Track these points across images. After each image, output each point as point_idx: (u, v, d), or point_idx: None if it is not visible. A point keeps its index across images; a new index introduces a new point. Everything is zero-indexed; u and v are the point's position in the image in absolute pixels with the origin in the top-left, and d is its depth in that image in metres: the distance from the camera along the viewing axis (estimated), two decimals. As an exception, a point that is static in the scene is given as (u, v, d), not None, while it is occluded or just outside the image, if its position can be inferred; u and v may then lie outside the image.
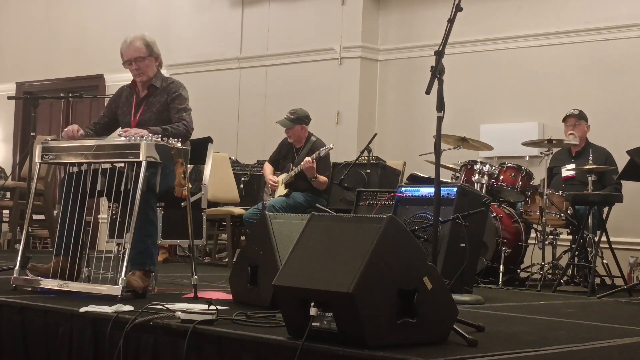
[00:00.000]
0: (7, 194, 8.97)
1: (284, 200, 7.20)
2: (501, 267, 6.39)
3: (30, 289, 4.53)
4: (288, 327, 3.09)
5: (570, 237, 6.87)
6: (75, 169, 4.59)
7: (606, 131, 7.42)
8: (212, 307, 3.38)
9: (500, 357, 2.92)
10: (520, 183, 6.75)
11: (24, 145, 11.39)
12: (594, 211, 6.38)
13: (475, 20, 7.98)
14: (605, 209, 6.41)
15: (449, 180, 6.81)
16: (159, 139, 4.36)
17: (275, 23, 9.69)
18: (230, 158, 8.61)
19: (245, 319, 3.47)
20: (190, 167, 4.96)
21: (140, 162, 4.28)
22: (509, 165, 6.80)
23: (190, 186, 4.71)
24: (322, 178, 7.22)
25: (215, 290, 4.82)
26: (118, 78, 9.36)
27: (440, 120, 4.08)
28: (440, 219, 4.44)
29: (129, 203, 4.35)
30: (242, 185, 8.55)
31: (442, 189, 4.75)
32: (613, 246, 6.44)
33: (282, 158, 7.58)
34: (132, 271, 4.38)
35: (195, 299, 4.35)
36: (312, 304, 2.89)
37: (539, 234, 6.66)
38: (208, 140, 5.37)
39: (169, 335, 3.34)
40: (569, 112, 7.09)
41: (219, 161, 7.96)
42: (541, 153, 6.91)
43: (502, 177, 6.76)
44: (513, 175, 6.76)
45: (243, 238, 8.33)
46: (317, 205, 6.76)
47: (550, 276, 6.49)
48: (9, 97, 9.32)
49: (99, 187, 4.54)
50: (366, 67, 9.06)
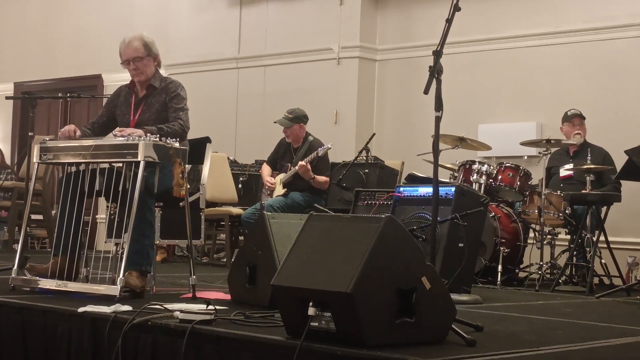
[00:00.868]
0: (2, 194, 8.96)
1: (282, 200, 7.20)
2: (499, 267, 6.39)
3: (28, 289, 4.53)
4: (286, 326, 3.09)
5: (569, 236, 6.87)
6: (74, 168, 4.59)
7: (604, 131, 7.42)
8: (211, 307, 3.38)
9: (499, 357, 2.92)
10: (519, 183, 6.75)
11: (22, 146, 11.38)
12: (592, 211, 6.38)
13: (473, 20, 7.98)
14: (604, 209, 6.42)
15: (447, 180, 6.81)
16: (157, 139, 4.36)
17: (274, 23, 9.69)
18: (228, 158, 8.61)
19: (244, 318, 3.47)
20: (188, 167, 4.95)
21: (139, 162, 4.28)
22: (507, 165, 6.80)
23: (189, 186, 4.71)
24: (322, 178, 7.22)
25: (214, 290, 4.82)
26: (116, 78, 9.36)
27: (438, 120, 4.09)
28: (438, 218, 4.44)
29: (127, 203, 4.35)
30: (240, 185, 8.56)
31: (440, 188, 4.75)
32: (611, 246, 6.44)
33: (279, 158, 7.59)
34: (129, 271, 4.38)
35: (194, 299, 4.34)
36: (311, 303, 2.89)
37: (537, 233, 6.67)
38: (206, 140, 5.37)
39: (168, 335, 3.34)
40: (574, 112, 7.07)
41: (217, 161, 7.96)
42: (539, 153, 6.91)
43: (500, 177, 6.76)
44: (511, 175, 6.76)
45: (241, 238, 8.33)
46: (315, 205, 6.75)
47: (548, 276, 6.49)
48: (7, 97, 9.32)
49: (97, 187, 4.54)
50: (364, 67, 9.05)
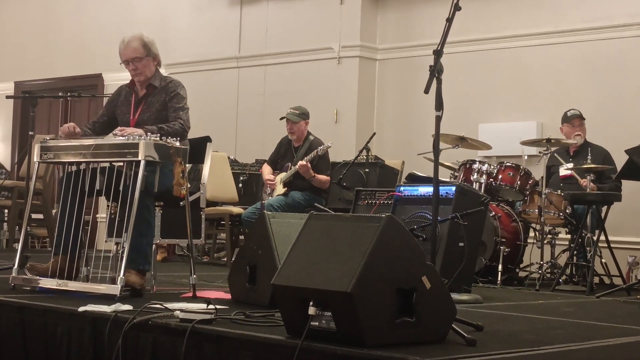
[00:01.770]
0: (4, 193, 8.95)
1: (283, 199, 7.19)
2: (500, 267, 6.39)
3: (29, 288, 4.52)
4: (287, 326, 3.09)
5: (569, 236, 6.88)
6: (74, 168, 4.59)
7: (604, 130, 7.42)
8: (211, 306, 3.38)
9: (499, 357, 2.92)
10: (519, 182, 6.76)
11: (23, 145, 11.38)
12: (592, 210, 6.38)
13: (473, 19, 7.98)
14: (604, 208, 6.42)
15: (448, 180, 6.81)
16: (157, 138, 4.36)
17: (274, 22, 9.69)
18: (229, 157, 8.61)
19: (244, 318, 3.47)
20: (188, 166, 4.95)
21: (139, 161, 4.28)
22: (508, 164, 6.80)
23: (189, 185, 4.71)
24: (323, 177, 7.21)
25: (214, 290, 4.82)
26: (117, 77, 9.36)
27: (438, 119, 4.09)
28: (439, 218, 4.45)
29: (128, 202, 4.35)
30: (240, 185, 8.55)
31: (440, 188, 4.75)
32: (612, 245, 6.44)
33: (280, 157, 7.58)
34: (128, 270, 4.37)
35: (194, 298, 4.34)
36: (311, 303, 2.89)
37: (537, 233, 6.67)
38: (207, 139, 5.36)
39: (168, 335, 3.34)
40: (573, 113, 7.07)
41: (218, 160, 7.96)
42: (540, 152, 6.91)
43: (500, 177, 6.76)
44: (511, 174, 6.76)
45: (242, 237, 8.33)
46: (315, 204, 6.76)
47: (548, 275, 6.50)
48: (8, 97, 9.36)
49: (97, 186, 4.54)
50: (365, 66, 9.05)
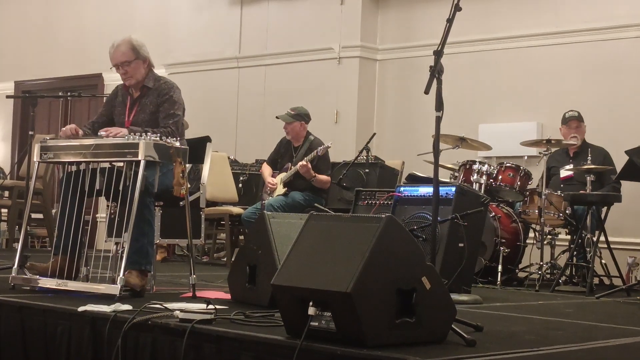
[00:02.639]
0: (5, 193, 8.96)
1: (283, 199, 7.19)
2: (500, 267, 6.39)
3: (28, 288, 4.52)
4: (287, 326, 3.09)
5: (569, 237, 6.87)
6: (74, 168, 4.59)
7: (604, 131, 7.42)
8: (211, 306, 3.38)
9: (499, 357, 2.92)
10: (519, 183, 6.76)
11: (23, 144, 11.38)
12: (592, 211, 6.38)
13: (474, 20, 7.98)
14: (604, 209, 6.41)
15: (448, 180, 6.81)
16: (157, 138, 4.36)
17: (274, 22, 9.69)
18: (228, 157, 8.61)
19: (244, 318, 3.47)
20: (188, 166, 4.95)
21: (139, 161, 4.28)
22: (508, 165, 6.80)
23: (189, 185, 4.70)
24: (323, 177, 7.21)
25: (214, 290, 4.82)
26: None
27: (439, 120, 4.09)
28: (438, 218, 4.45)
29: (127, 202, 4.35)
30: (240, 185, 8.56)
31: (440, 188, 4.75)
32: (611, 246, 6.44)
33: (280, 157, 7.58)
34: (129, 270, 4.38)
35: (194, 298, 4.34)
36: (311, 303, 2.89)
37: (537, 233, 6.66)
38: (206, 139, 5.37)
39: (168, 335, 3.34)
40: (570, 115, 7.07)
41: (218, 160, 7.95)
42: (540, 153, 6.91)
43: (500, 177, 6.76)
44: (511, 175, 6.76)
45: (242, 237, 8.33)
46: (315, 204, 6.76)
47: (548, 276, 6.49)
48: (8, 96, 9.38)
49: (97, 186, 4.54)
50: (365, 66, 9.05)
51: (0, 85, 12.03)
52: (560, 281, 6.26)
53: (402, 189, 5.38)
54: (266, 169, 7.63)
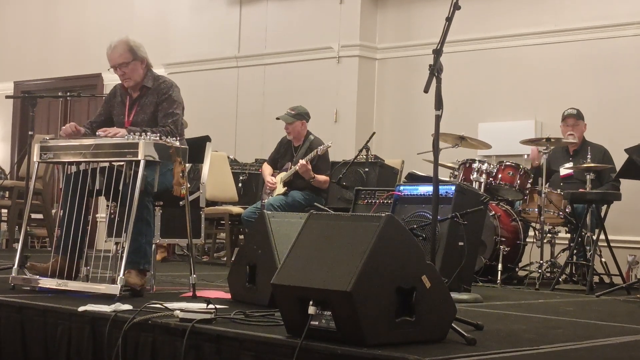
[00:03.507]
0: (5, 194, 8.96)
1: (283, 199, 7.19)
2: (499, 266, 6.39)
3: (28, 288, 4.52)
4: (287, 325, 3.09)
5: (569, 235, 6.88)
6: (74, 168, 4.59)
7: (603, 129, 7.42)
8: (211, 306, 3.38)
9: (499, 356, 2.92)
10: (519, 181, 6.76)
11: (22, 145, 11.38)
12: (592, 209, 6.38)
13: (473, 18, 7.98)
14: (604, 207, 6.42)
15: (448, 179, 6.81)
16: (157, 138, 4.36)
17: (273, 22, 9.69)
18: (228, 157, 8.61)
19: (244, 317, 3.47)
20: (188, 166, 4.95)
21: (139, 161, 4.28)
22: (507, 163, 6.80)
23: (189, 185, 4.70)
24: (322, 177, 7.22)
25: (214, 289, 4.82)
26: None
27: (438, 118, 4.09)
28: (438, 217, 4.45)
29: (127, 202, 4.34)
30: (240, 184, 8.56)
31: (440, 187, 4.75)
32: (611, 244, 6.44)
33: (280, 157, 7.58)
34: (128, 270, 4.37)
35: (194, 298, 4.34)
36: (311, 302, 2.89)
37: (537, 232, 6.67)
38: (206, 139, 5.36)
39: (168, 334, 3.34)
40: (568, 112, 7.07)
41: (218, 160, 7.96)
42: (539, 151, 6.90)
43: (500, 176, 6.76)
44: (511, 173, 6.76)
45: (241, 237, 8.33)
46: (315, 203, 6.76)
47: (548, 274, 6.49)
48: (7, 96, 9.36)
49: (97, 186, 4.53)
50: (364, 65, 9.05)
51: (0, 85, 12.03)
52: (560, 280, 6.25)
53: (401, 187, 5.38)
54: (266, 169, 7.64)
